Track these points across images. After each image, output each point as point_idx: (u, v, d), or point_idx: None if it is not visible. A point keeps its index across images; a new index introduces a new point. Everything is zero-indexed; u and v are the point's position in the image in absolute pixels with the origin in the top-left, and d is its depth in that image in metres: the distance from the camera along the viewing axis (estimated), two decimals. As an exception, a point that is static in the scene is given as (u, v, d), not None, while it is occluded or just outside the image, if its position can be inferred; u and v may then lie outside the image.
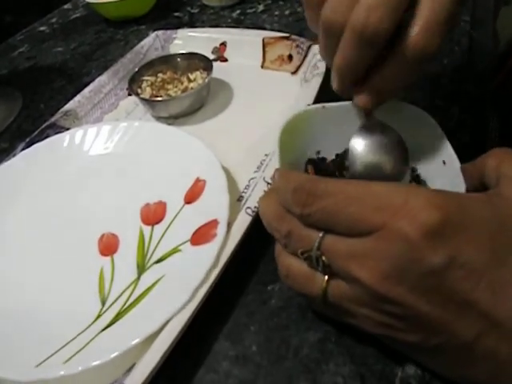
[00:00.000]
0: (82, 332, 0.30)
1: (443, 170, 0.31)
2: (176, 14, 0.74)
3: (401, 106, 0.34)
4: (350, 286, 0.24)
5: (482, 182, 0.26)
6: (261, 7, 0.71)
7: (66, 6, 0.84)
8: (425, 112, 0.33)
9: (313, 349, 0.29)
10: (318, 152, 0.36)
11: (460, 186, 0.28)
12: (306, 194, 0.24)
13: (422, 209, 0.21)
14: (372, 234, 0.22)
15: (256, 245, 0.35)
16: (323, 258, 0.24)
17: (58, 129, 0.50)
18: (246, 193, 0.38)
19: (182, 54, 0.54)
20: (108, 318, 0.31)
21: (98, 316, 0.31)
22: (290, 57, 0.54)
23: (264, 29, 0.64)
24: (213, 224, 0.34)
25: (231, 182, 0.39)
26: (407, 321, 0.22)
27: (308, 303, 0.31)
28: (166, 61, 0.54)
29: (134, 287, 0.33)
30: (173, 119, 0.50)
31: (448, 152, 0.31)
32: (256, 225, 0.35)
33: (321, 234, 0.24)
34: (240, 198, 0.38)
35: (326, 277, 0.25)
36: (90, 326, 0.31)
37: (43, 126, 0.49)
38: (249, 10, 0.71)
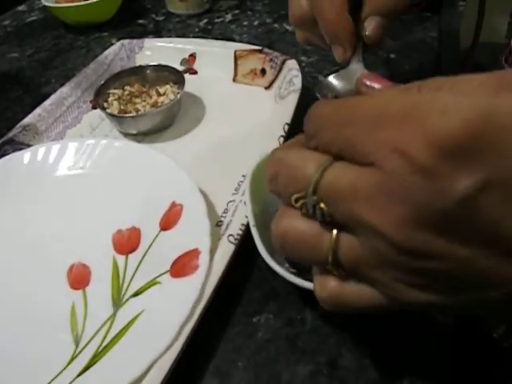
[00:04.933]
0: (55, 378, 0.28)
1: None
2: (140, 21, 0.71)
3: None
4: (363, 240, 0.18)
5: None
6: (229, 17, 0.70)
7: (20, 8, 0.79)
8: None
9: (304, 383, 0.28)
10: None
11: None
12: (320, 114, 0.20)
13: (436, 117, 0.15)
14: (376, 164, 0.17)
15: (237, 273, 0.34)
16: (321, 204, 0.18)
17: (17, 145, 0.46)
18: (225, 217, 0.37)
19: (152, 65, 0.52)
20: (83, 361, 0.29)
21: (72, 358, 0.29)
22: (263, 71, 0.52)
23: (233, 40, 0.63)
24: (194, 254, 0.32)
25: (208, 206, 0.37)
26: (451, 276, 0.17)
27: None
28: (134, 72, 0.52)
29: (111, 324, 0.31)
30: (142, 136, 0.48)
31: None
32: (237, 252, 0.34)
33: (322, 167, 0.18)
34: (219, 223, 0.36)
35: (335, 232, 0.19)
36: (62, 370, 0.28)
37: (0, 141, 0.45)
38: (216, 20, 0.69)
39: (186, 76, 0.51)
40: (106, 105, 0.49)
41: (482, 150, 0.15)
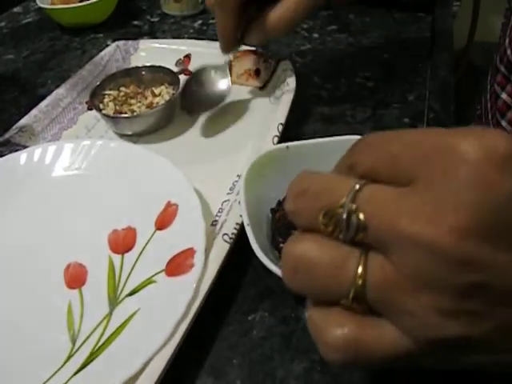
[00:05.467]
0: (52, 376, 0.28)
1: None
2: (135, 22, 0.72)
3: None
4: (402, 258, 0.16)
5: None
6: (223, 18, 0.70)
7: (15, 10, 0.79)
8: None
9: (299, 380, 0.29)
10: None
11: None
12: (359, 144, 0.20)
13: (491, 137, 0.16)
14: (419, 178, 0.17)
15: (232, 272, 0.34)
16: (360, 215, 0.17)
17: (13, 146, 0.46)
18: (219, 217, 0.37)
19: (147, 66, 0.52)
20: (80, 360, 0.29)
21: (69, 357, 0.29)
22: (258, 71, 0.53)
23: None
24: (189, 253, 0.33)
25: (203, 205, 0.37)
26: (492, 289, 0.16)
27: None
28: (129, 73, 0.52)
29: (107, 323, 0.31)
30: (137, 137, 0.48)
31: None
32: (232, 251, 0.34)
33: (361, 182, 0.18)
34: (214, 223, 0.37)
35: (363, 253, 0.17)
36: (60, 368, 0.29)
37: (-4, 143, 0.46)
38: (211, 21, 0.70)
39: (181, 77, 0.52)
40: (101, 106, 0.49)
41: None
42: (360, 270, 0.17)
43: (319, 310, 0.19)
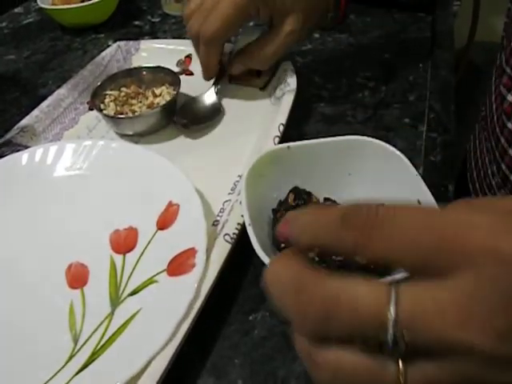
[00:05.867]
0: (54, 376, 0.28)
1: None
2: (136, 22, 0.72)
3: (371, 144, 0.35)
4: (446, 364, 0.16)
5: None
6: (224, 18, 0.70)
7: (16, 10, 0.79)
8: (394, 149, 0.34)
9: (300, 380, 0.29)
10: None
11: None
12: (365, 216, 0.17)
13: None
14: (462, 271, 0.16)
15: (233, 272, 0.34)
16: (406, 337, 0.16)
17: (15, 146, 0.46)
18: (221, 217, 0.37)
19: (148, 67, 0.52)
20: (82, 359, 0.29)
21: (71, 356, 0.29)
22: (258, 72, 0.53)
23: (228, 41, 0.63)
24: (190, 253, 0.33)
25: (205, 205, 0.37)
26: None
27: None
28: (130, 74, 0.52)
29: (109, 322, 0.31)
30: (138, 137, 0.48)
31: (422, 190, 0.31)
32: (233, 251, 0.34)
33: (393, 292, 0.16)
34: (215, 223, 0.37)
35: (401, 364, 0.17)
36: (61, 368, 0.29)
37: (-3, 143, 0.46)
38: (212, 21, 0.70)
39: (182, 77, 0.52)
40: (102, 106, 0.49)
41: None
42: (401, 378, 0.17)
43: None
